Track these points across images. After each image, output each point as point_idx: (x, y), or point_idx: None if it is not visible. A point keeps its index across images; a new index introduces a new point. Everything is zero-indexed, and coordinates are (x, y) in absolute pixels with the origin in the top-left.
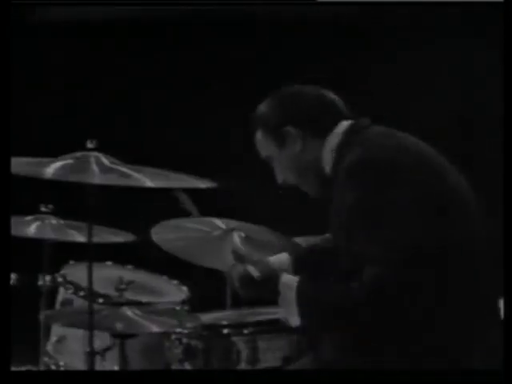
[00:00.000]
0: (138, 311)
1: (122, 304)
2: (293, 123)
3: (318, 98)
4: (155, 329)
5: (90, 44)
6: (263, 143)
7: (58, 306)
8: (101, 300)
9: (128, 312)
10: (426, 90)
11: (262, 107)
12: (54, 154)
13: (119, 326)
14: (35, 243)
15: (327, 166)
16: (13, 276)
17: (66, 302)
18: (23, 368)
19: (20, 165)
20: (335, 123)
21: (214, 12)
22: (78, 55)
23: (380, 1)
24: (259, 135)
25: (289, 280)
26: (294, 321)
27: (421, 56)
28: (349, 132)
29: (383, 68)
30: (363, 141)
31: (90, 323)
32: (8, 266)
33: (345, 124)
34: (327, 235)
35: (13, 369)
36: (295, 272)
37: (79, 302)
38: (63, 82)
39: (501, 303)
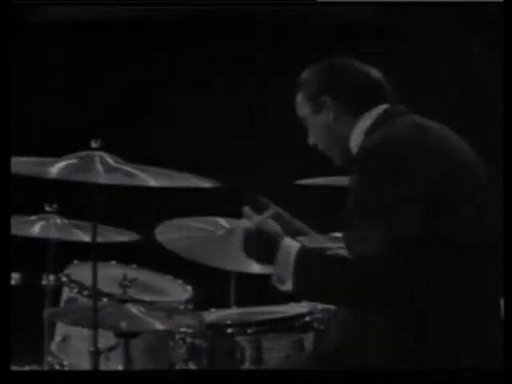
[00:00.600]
0: (142, 308)
1: (126, 301)
2: (331, 94)
3: (364, 76)
4: (160, 326)
5: (91, 43)
6: (301, 105)
7: (62, 305)
8: (105, 299)
9: (132, 309)
10: (426, 90)
11: (307, 72)
12: (59, 153)
13: (123, 324)
14: (39, 243)
15: (354, 147)
16: (17, 276)
17: (71, 302)
18: (27, 368)
19: (24, 164)
20: (374, 104)
21: (214, 12)
22: (81, 54)
23: (380, 1)
24: (299, 97)
25: (290, 243)
26: (286, 286)
27: (421, 56)
28: (381, 117)
29: (383, 68)
30: (388, 129)
31: (94, 322)
32: (8, 265)
33: (381, 108)
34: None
35: (16, 368)
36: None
37: (84, 301)
38: (67, 81)
39: (501, 303)
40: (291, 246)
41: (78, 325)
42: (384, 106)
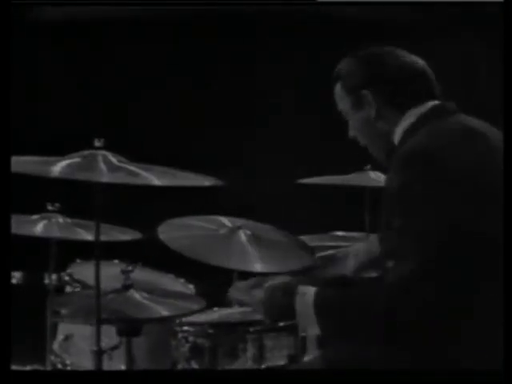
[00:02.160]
0: (145, 294)
1: (129, 287)
2: (372, 87)
3: (407, 66)
4: (164, 312)
5: (92, 42)
6: (340, 98)
7: None
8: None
9: (135, 295)
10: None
11: (345, 63)
12: (62, 152)
13: (127, 310)
14: (42, 242)
15: (397, 145)
16: (19, 275)
17: None
18: (29, 367)
19: (27, 163)
20: (420, 100)
21: (214, 12)
22: (83, 53)
23: (380, 1)
24: (338, 89)
25: (304, 291)
26: (313, 330)
27: (421, 56)
28: (426, 115)
29: None
30: (431, 129)
31: (97, 321)
32: (9, 264)
33: (428, 105)
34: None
35: (18, 368)
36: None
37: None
38: (69, 80)
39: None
40: (306, 294)
41: (80, 315)
42: (432, 103)
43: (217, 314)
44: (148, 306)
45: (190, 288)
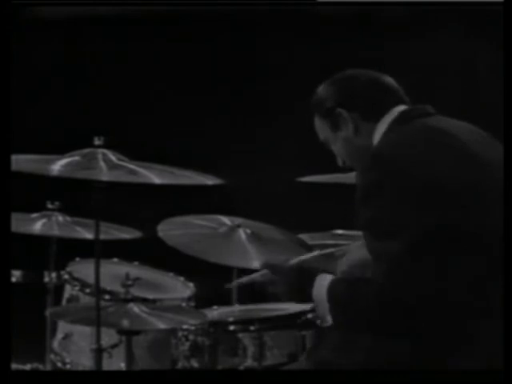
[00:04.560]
0: (144, 308)
1: (128, 300)
2: (345, 106)
3: (373, 81)
4: (162, 325)
5: (93, 42)
6: (320, 126)
7: (64, 303)
8: (107, 296)
9: (135, 308)
10: (426, 90)
11: (319, 90)
12: (62, 151)
13: (125, 323)
14: (42, 240)
15: None
16: (19, 273)
17: (73, 299)
18: (29, 365)
19: (27, 162)
20: (389, 108)
21: (214, 12)
22: (83, 52)
23: (380, 1)
24: (316, 119)
25: (324, 278)
26: (327, 321)
27: (421, 56)
28: (396, 120)
29: (383, 68)
30: (398, 132)
31: (97, 320)
32: (9, 263)
33: (395, 111)
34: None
35: (18, 366)
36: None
37: (86, 299)
38: (70, 79)
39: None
40: (324, 281)
41: (80, 323)
42: (399, 109)
43: (216, 313)
44: (147, 319)
45: (190, 286)
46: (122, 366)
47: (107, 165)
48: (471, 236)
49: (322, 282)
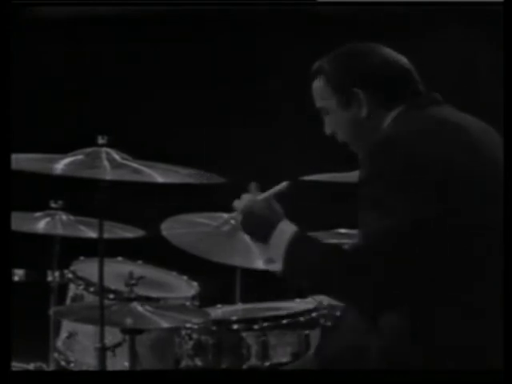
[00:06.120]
0: (148, 307)
1: (132, 299)
2: (363, 86)
3: (394, 65)
4: (165, 324)
5: (94, 41)
6: (321, 94)
7: (68, 301)
8: (111, 295)
9: (138, 307)
10: (426, 89)
11: (332, 58)
12: (65, 150)
13: (129, 322)
14: (45, 239)
15: None
16: (22, 272)
17: (77, 298)
18: (32, 364)
19: (30, 161)
20: (407, 95)
21: (214, 12)
22: (85, 51)
23: (380, 1)
24: (320, 85)
25: (287, 226)
26: (275, 266)
27: (421, 56)
28: (410, 107)
29: None
30: (405, 119)
31: (101, 319)
32: (10, 262)
33: (410, 97)
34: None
35: (22, 366)
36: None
37: (90, 298)
38: (73, 78)
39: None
40: (287, 228)
41: (83, 322)
42: (413, 96)
43: (220, 312)
44: (150, 318)
45: (194, 285)
46: (126, 364)
47: (111, 164)
48: (466, 229)
49: (284, 232)
